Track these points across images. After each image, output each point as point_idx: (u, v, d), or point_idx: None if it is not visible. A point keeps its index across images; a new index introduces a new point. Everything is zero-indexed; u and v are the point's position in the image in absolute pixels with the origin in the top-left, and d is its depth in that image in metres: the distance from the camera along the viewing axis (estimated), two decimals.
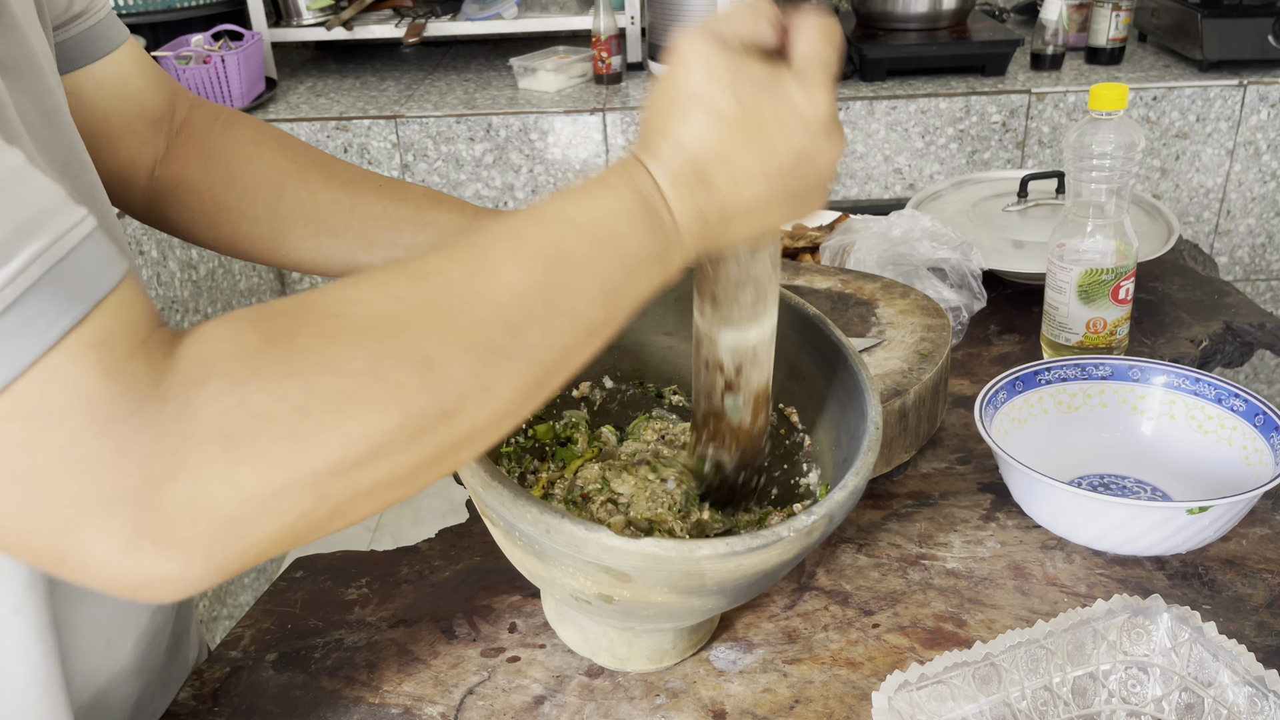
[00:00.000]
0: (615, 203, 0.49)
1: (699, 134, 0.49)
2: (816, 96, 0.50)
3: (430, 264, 0.46)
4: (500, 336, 0.45)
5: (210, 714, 0.73)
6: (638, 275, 0.49)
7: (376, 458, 0.42)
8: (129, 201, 0.79)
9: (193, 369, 0.40)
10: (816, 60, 0.51)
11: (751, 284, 0.58)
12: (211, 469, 0.39)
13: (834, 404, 0.72)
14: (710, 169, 0.50)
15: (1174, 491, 0.89)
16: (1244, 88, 2.23)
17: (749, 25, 0.51)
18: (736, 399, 0.64)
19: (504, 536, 0.62)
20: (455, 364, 0.44)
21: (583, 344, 0.49)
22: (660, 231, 0.49)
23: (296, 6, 2.54)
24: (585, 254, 0.48)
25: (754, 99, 0.49)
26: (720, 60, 0.49)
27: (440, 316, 0.44)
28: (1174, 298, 1.23)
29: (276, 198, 0.77)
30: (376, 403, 0.42)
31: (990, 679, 0.62)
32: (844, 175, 2.31)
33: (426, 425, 0.43)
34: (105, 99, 0.74)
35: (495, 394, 0.45)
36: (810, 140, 0.51)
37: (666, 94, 0.50)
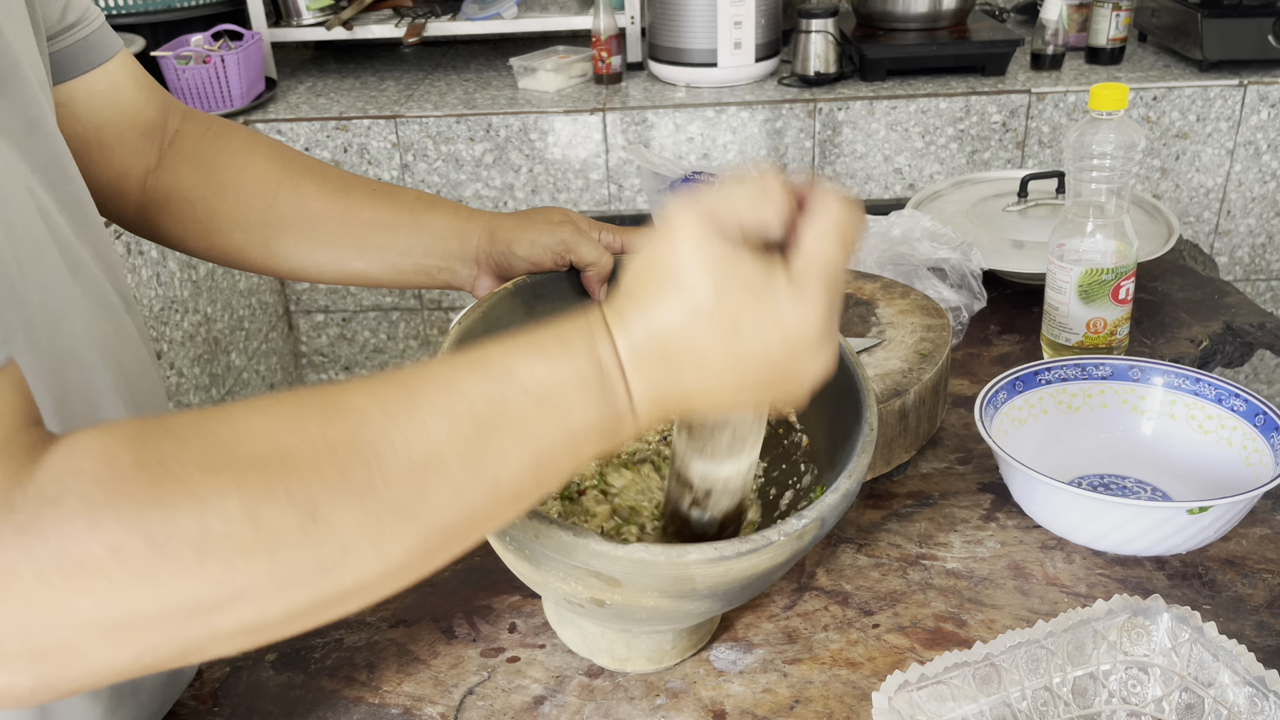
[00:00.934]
0: (569, 368, 0.45)
1: (672, 319, 0.45)
2: (806, 312, 0.45)
3: (352, 399, 0.42)
4: (404, 496, 0.42)
5: (210, 714, 0.73)
6: (579, 446, 0.46)
7: (237, 604, 0.40)
8: (121, 212, 0.79)
9: (50, 484, 0.38)
10: (818, 266, 0.46)
11: (730, 429, 0.56)
12: (46, 594, 0.37)
13: (830, 403, 0.72)
14: (677, 355, 0.46)
15: (1174, 491, 0.89)
16: (1244, 88, 2.23)
17: (753, 212, 0.46)
18: (703, 514, 0.63)
19: (497, 540, 0.62)
20: (344, 519, 0.40)
21: (503, 509, 0.45)
22: (611, 405, 0.46)
23: (296, 6, 2.54)
24: (523, 419, 0.44)
25: (737, 301, 0.45)
26: (711, 250, 0.45)
27: (341, 464, 0.41)
28: (1174, 298, 1.23)
29: (269, 205, 0.77)
30: (244, 549, 0.39)
31: (990, 679, 0.62)
32: (844, 175, 2.31)
33: (300, 577, 0.41)
34: (98, 109, 0.74)
35: (386, 554, 0.42)
36: (788, 356, 0.46)
37: (650, 265, 0.46)
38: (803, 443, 0.75)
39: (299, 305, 2.51)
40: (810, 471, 0.74)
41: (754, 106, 2.27)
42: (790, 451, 0.76)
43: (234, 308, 2.23)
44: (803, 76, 2.34)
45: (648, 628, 0.67)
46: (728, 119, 2.27)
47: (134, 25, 2.32)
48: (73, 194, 0.65)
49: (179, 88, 2.26)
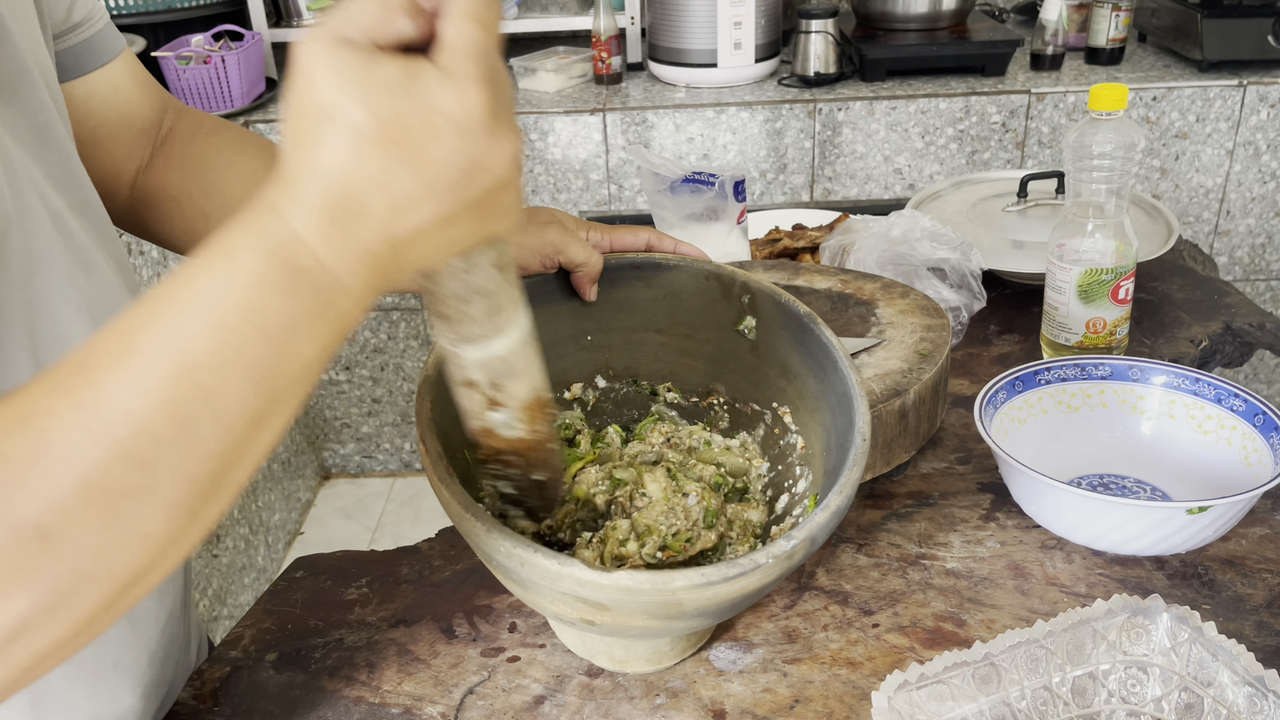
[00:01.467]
0: (241, 274, 0.41)
1: (337, 157, 0.41)
2: (467, 91, 0.41)
3: (38, 401, 0.40)
4: (127, 476, 0.39)
5: (210, 714, 0.73)
6: (290, 345, 0.42)
7: (20, 639, 0.39)
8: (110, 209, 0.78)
9: None
10: (464, 46, 0.42)
11: (479, 296, 0.51)
12: None
13: (824, 406, 0.72)
14: (361, 197, 0.41)
15: (1174, 491, 0.89)
16: (1244, 88, 2.23)
17: (378, 16, 0.42)
18: (505, 414, 0.58)
19: (486, 562, 0.62)
20: (77, 525, 0.39)
21: (246, 436, 0.42)
22: (311, 289, 0.42)
23: (297, 6, 2.54)
24: (213, 349, 0.40)
25: (393, 107, 0.40)
26: (346, 64, 0.40)
27: (48, 473, 0.38)
28: (1174, 298, 1.23)
29: None
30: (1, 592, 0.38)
31: (990, 679, 0.62)
32: (844, 175, 2.32)
33: (66, 593, 0.39)
34: (97, 109, 0.74)
35: (142, 534, 0.40)
36: (470, 144, 0.42)
37: (293, 114, 0.42)
38: (799, 445, 0.75)
39: None
40: (805, 476, 0.74)
41: (754, 107, 2.27)
42: (786, 453, 0.76)
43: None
44: (803, 77, 2.34)
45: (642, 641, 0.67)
46: (728, 119, 2.27)
47: (134, 25, 2.32)
48: (82, 199, 0.65)
49: (179, 88, 2.26)
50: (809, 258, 1.30)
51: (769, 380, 0.77)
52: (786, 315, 0.74)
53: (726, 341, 0.78)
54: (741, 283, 0.76)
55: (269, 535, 2.37)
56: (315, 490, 2.70)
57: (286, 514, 2.49)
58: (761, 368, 0.77)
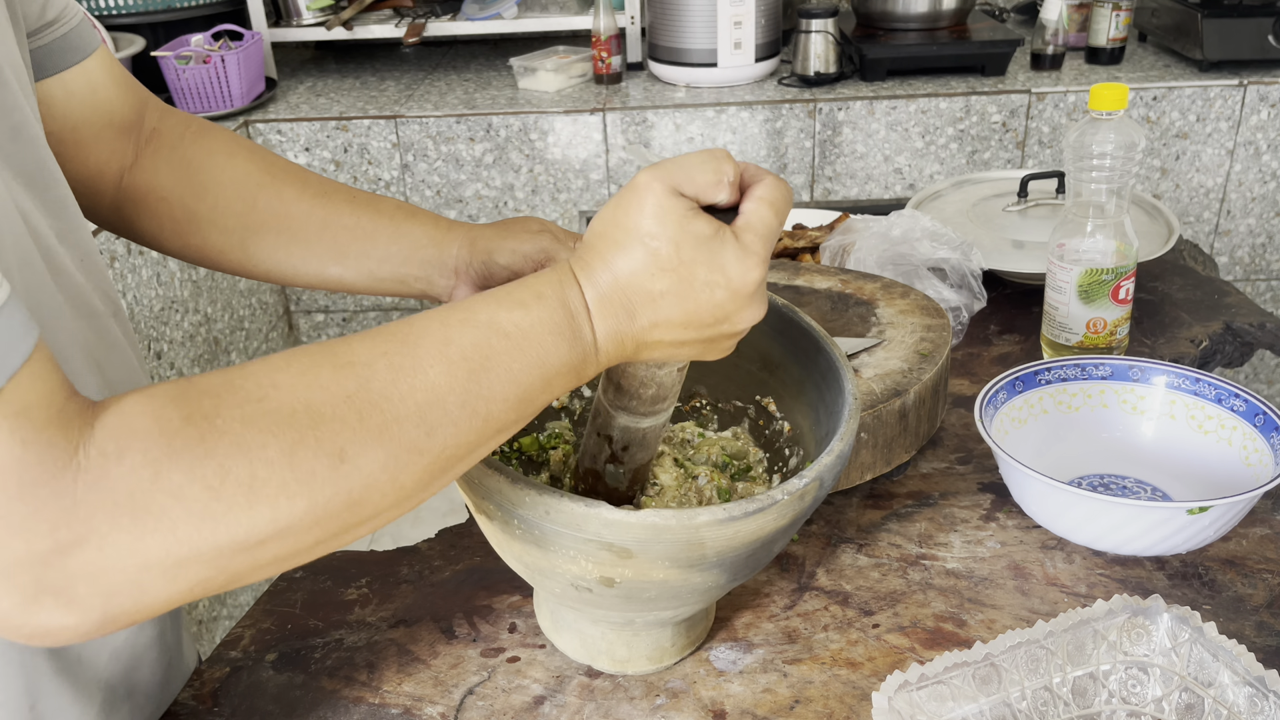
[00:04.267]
0: (545, 316, 0.52)
1: (634, 269, 0.52)
2: (749, 265, 0.53)
3: (358, 353, 0.48)
4: (415, 435, 0.47)
5: (210, 714, 0.73)
6: (553, 384, 0.52)
7: (280, 538, 0.45)
8: (96, 209, 0.78)
9: (110, 442, 0.42)
10: (760, 228, 0.53)
11: (655, 385, 0.61)
12: (120, 538, 0.42)
13: (810, 387, 0.73)
14: (636, 303, 0.53)
15: (1174, 491, 0.89)
16: (1244, 88, 2.23)
17: (707, 181, 0.53)
18: (618, 470, 0.67)
19: (501, 530, 0.62)
20: (367, 458, 0.46)
21: (490, 441, 0.51)
22: (580, 347, 0.53)
23: (296, 6, 2.54)
24: (508, 364, 0.50)
25: (692, 254, 0.52)
26: (672, 209, 0.51)
27: (359, 411, 0.46)
28: (1174, 298, 1.23)
29: (249, 208, 0.77)
30: (287, 489, 0.44)
31: (990, 679, 0.62)
32: (844, 175, 2.32)
33: (333, 512, 0.46)
34: (75, 107, 0.74)
35: (401, 485, 0.48)
36: (733, 303, 0.53)
37: (615, 223, 0.53)
38: (785, 430, 0.76)
39: (299, 305, 2.51)
40: (796, 454, 0.75)
41: (754, 106, 2.27)
42: (774, 440, 0.77)
43: (234, 308, 2.23)
44: (803, 76, 2.34)
45: (650, 614, 0.67)
46: (728, 119, 2.27)
47: (134, 25, 2.32)
48: (57, 199, 0.65)
49: (179, 88, 2.26)
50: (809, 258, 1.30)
51: (750, 375, 0.78)
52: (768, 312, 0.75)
53: None
54: None
55: None
56: None
57: None
58: (742, 364, 0.78)
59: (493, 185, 2.33)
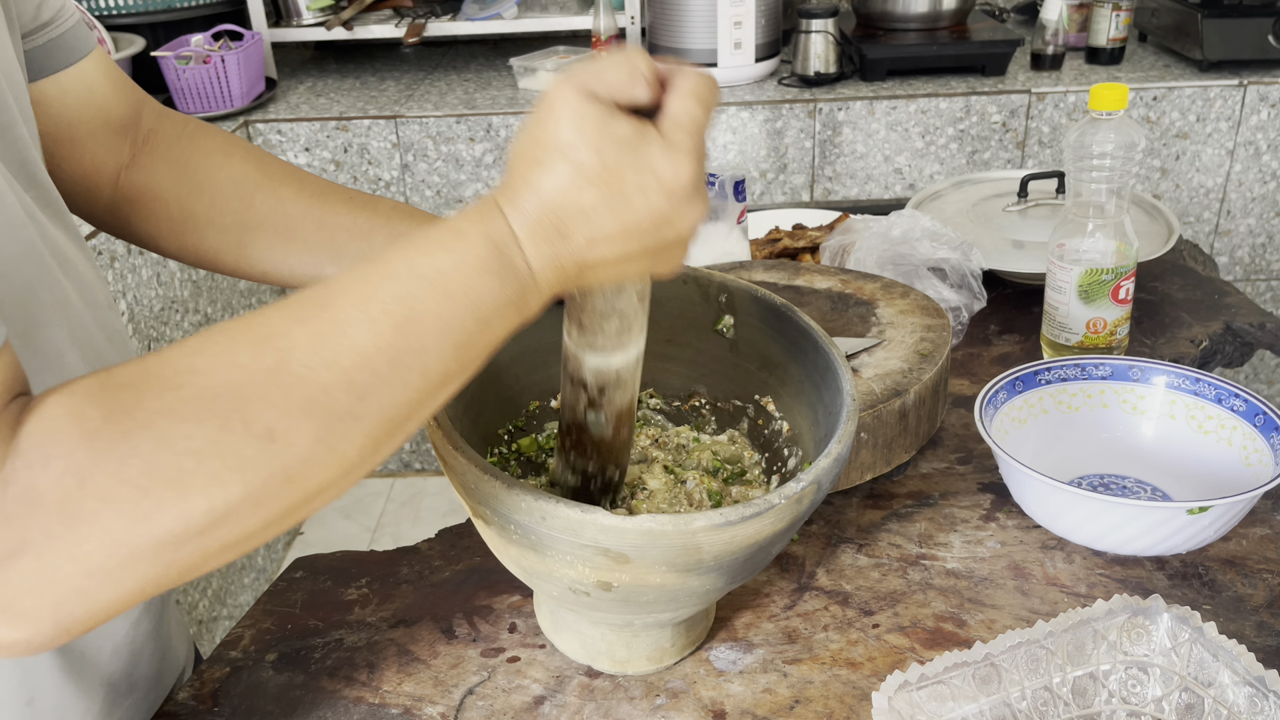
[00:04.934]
0: (468, 254, 0.49)
1: (560, 186, 0.49)
2: (680, 161, 0.50)
3: (275, 325, 0.46)
4: (345, 401, 0.46)
5: (210, 714, 0.73)
6: (491, 324, 0.50)
7: (222, 525, 0.44)
8: (92, 210, 0.78)
9: (33, 451, 0.41)
10: (686, 123, 0.50)
11: (617, 316, 0.59)
12: (56, 546, 0.41)
13: (809, 387, 0.73)
14: (568, 221, 0.49)
15: (1174, 491, 0.89)
16: (1244, 88, 2.23)
17: (622, 81, 0.50)
18: (599, 415, 0.65)
19: (498, 535, 0.62)
20: (298, 433, 0.45)
21: (434, 394, 0.49)
22: (514, 280, 0.50)
23: (296, 6, 2.54)
24: (436, 311, 0.48)
25: (617, 158, 0.49)
26: (588, 114, 0.49)
27: (283, 386, 0.45)
28: (1174, 298, 1.23)
29: (246, 207, 0.77)
30: (218, 477, 0.43)
31: (990, 679, 0.62)
32: (844, 175, 2.32)
33: (271, 492, 0.45)
34: (71, 106, 0.74)
35: (340, 455, 0.46)
36: (669, 204, 0.50)
37: (533, 141, 0.50)
38: (784, 430, 0.76)
39: None
40: (794, 454, 0.75)
41: (754, 106, 2.27)
42: (772, 440, 0.77)
43: (234, 308, 2.23)
44: (803, 76, 2.34)
45: (649, 616, 0.67)
46: (728, 119, 2.27)
47: (134, 25, 2.32)
48: (42, 198, 0.65)
49: (179, 88, 2.26)
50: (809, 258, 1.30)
51: (749, 375, 0.78)
52: (763, 308, 0.75)
53: (705, 343, 0.79)
54: (718, 283, 0.77)
55: None
56: None
57: None
58: (741, 364, 0.78)
59: (493, 185, 2.33)
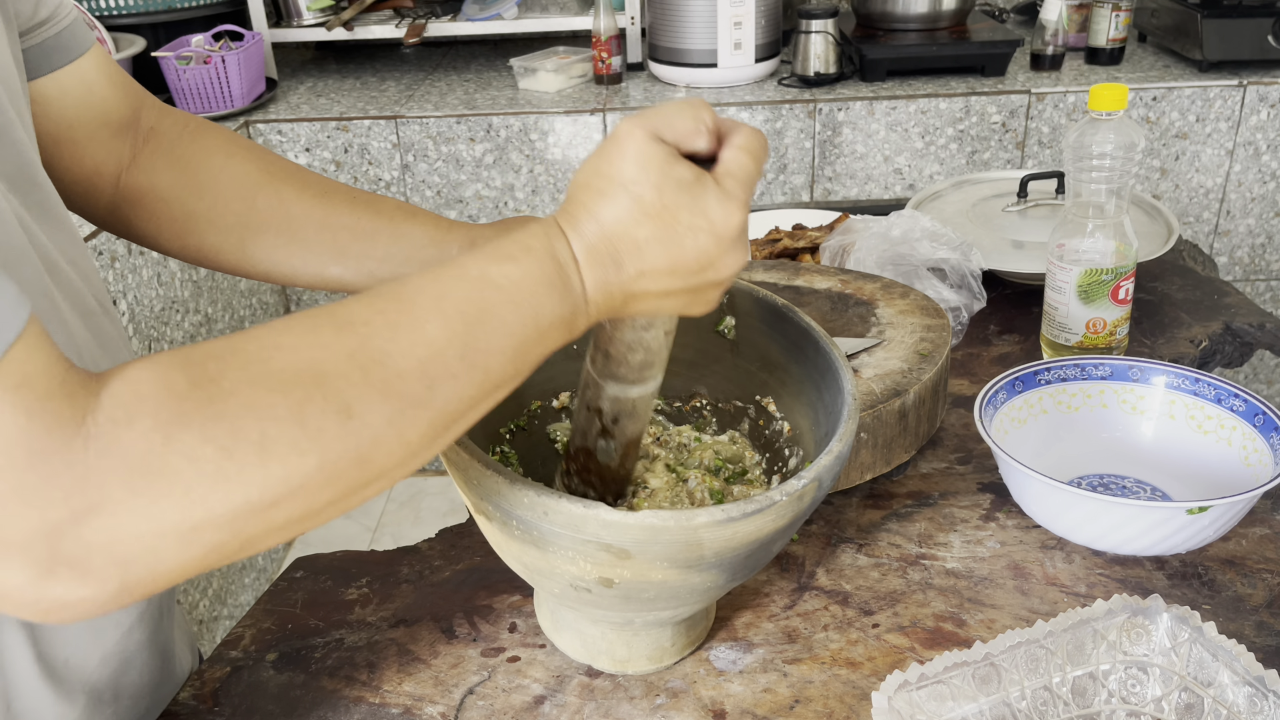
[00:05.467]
0: (535, 269, 0.52)
1: (618, 217, 0.52)
2: (731, 209, 0.53)
3: (356, 313, 0.48)
4: (417, 389, 0.48)
5: (210, 714, 0.73)
6: (547, 336, 0.53)
7: (293, 497, 0.45)
8: (93, 209, 0.78)
9: (118, 409, 0.42)
10: (740, 174, 0.54)
11: (643, 349, 0.61)
12: (135, 503, 0.41)
13: (809, 387, 0.73)
14: (622, 252, 0.53)
15: (1174, 491, 0.89)
16: (1244, 88, 2.23)
17: (688, 129, 0.53)
18: (609, 444, 0.67)
19: (500, 531, 0.62)
20: (373, 413, 0.46)
21: (490, 395, 0.52)
22: (570, 299, 0.53)
23: (297, 7, 2.54)
24: (503, 316, 0.50)
25: (675, 198, 0.52)
26: (654, 155, 0.52)
27: (362, 367, 0.47)
28: (1174, 298, 1.23)
29: (247, 207, 0.77)
30: (298, 447, 0.44)
31: (990, 679, 0.62)
32: (844, 175, 2.32)
33: (342, 469, 0.46)
34: (70, 106, 0.74)
35: (407, 441, 0.48)
36: (716, 248, 0.53)
37: (598, 172, 0.53)
38: (785, 430, 0.76)
39: (300, 305, 2.51)
40: (795, 454, 0.75)
41: (754, 107, 2.27)
42: (773, 440, 0.77)
43: (234, 308, 2.23)
44: (803, 77, 2.34)
45: (650, 614, 0.67)
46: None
47: (134, 25, 2.32)
48: (39, 201, 0.65)
49: (179, 88, 2.26)
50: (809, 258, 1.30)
51: (750, 375, 0.78)
52: (764, 308, 0.76)
53: (706, 344, 0.79)
54: None
55: None
56: None
57: None
58: (742, 364, 0.78)
59: (493, 186, 2.33)
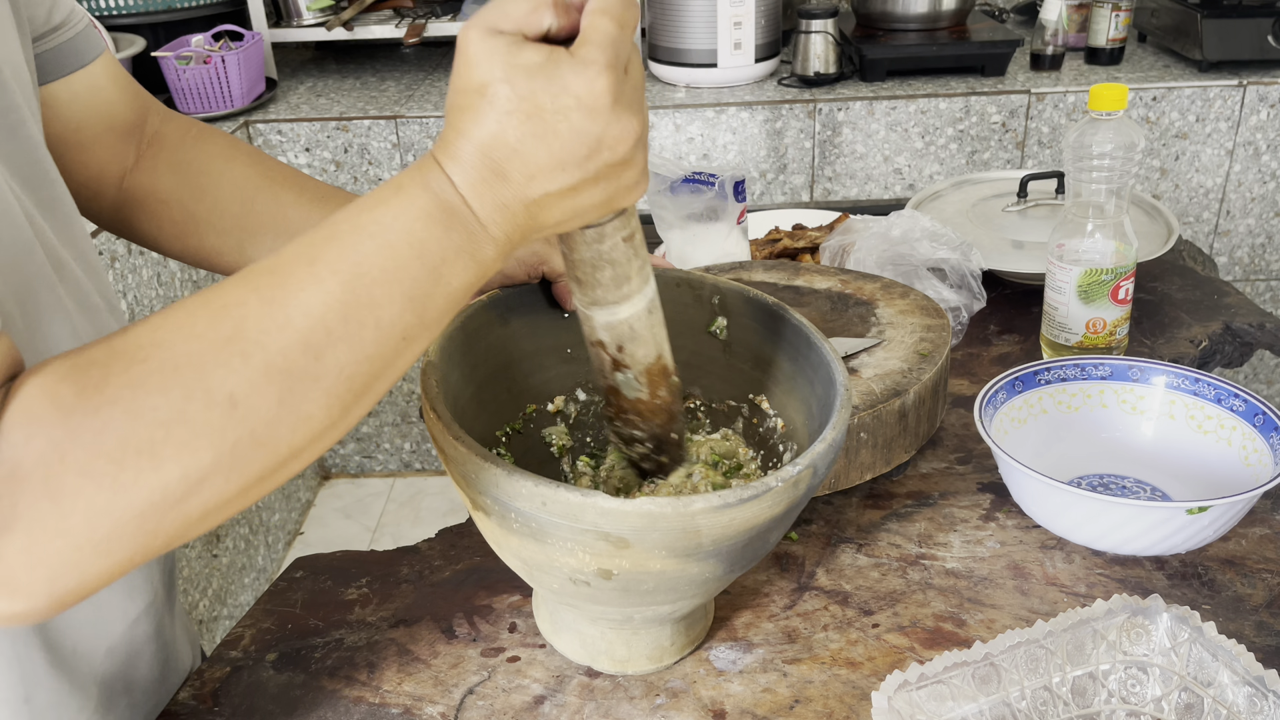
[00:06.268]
0: (410, 208, 0.49)
1: (485, 128, 0.49)
2: (593, 76, 0.49)
3: (231, 295, 0.47)
4: (303, 362, 0.47)
5: (210, 714, 0.73)
6: (442, 274, 0.50)
7: (198, 491, 0.46)
8: (97, 211, 0.80)
9: (16, 431, 0.43)
10: (597, 38, 0.49)
11: (607, 264, 0.59)
12: (43, 522, 0.43)
13: (803, 382, 0.74)
14: (502, 161, 0.49)
15: (1174, 491, 0.89)
16: (1243, 88, 2.23)
17: (523, 11, 0.50)
18: (627, 375, 0.66)
19: (498, 526, 0.62)
20: (260, 397, 0.46)
21: (397, 349, 0.50)
22: (462, 229, 0.50)
23: (296, 7, 2.54)
24: (383, 265, 0.48)
25: (529, 86, 0.48)
26: (494, 49, 0.49)
27: (241, 353, 0.46)
28: (1174, 298, 1.24)
29: (246, 211, 0.78)
30: (188, 445, 0.45)
31: (990, 679, 0.62)
32: (844, 175, 2.32)
33: (241, 457, 0.46)
34: (79, 110, 0.75)
35: (305, 415, 0.48)
36: (594, 124, 0.50)
37: (454, 89, 0.50)
38: (779, 426, 0.76)
39: None
40: (790, 449, 0.75)
41: (754, 107, 2.27)
42: (767, 437, 0.77)
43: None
44: (803, 77, 2.34)
45: (649, 610, 0.67)
46: (728, 119, 2.27)
47: (134, 25, 2.32)
48: (52, 198, 0.66)
49: (179, 88, 2.26)
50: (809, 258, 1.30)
51: (743, 374, 0.79)
52: (756, 308, 0.76)
53: (699, 345, 0.79)
54: (711, 285, 0.78)
55: (269, 535, 2.37)
56: (315, 490, 2.70)
57: (286, 514, 2.49)
58: (735, 364, 0.79)
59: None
